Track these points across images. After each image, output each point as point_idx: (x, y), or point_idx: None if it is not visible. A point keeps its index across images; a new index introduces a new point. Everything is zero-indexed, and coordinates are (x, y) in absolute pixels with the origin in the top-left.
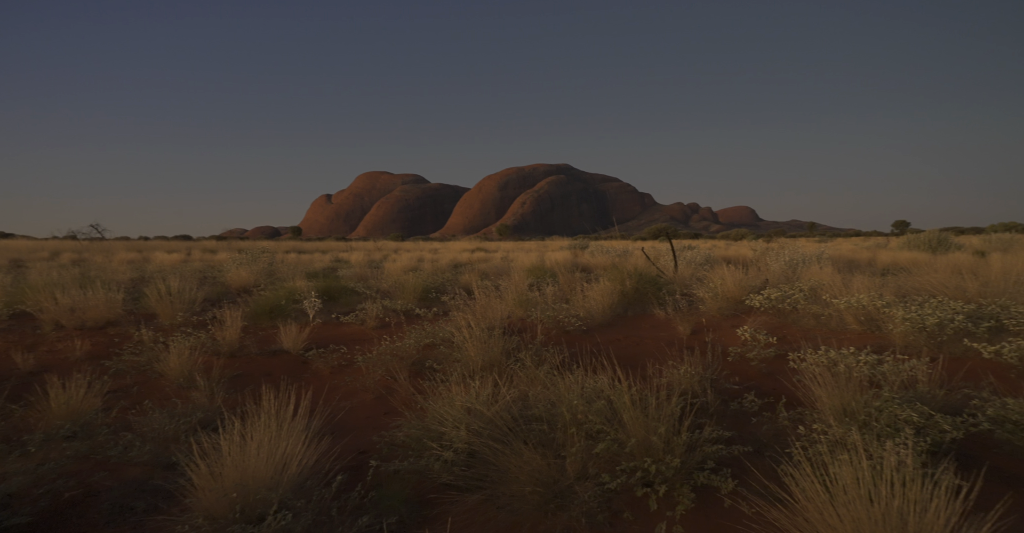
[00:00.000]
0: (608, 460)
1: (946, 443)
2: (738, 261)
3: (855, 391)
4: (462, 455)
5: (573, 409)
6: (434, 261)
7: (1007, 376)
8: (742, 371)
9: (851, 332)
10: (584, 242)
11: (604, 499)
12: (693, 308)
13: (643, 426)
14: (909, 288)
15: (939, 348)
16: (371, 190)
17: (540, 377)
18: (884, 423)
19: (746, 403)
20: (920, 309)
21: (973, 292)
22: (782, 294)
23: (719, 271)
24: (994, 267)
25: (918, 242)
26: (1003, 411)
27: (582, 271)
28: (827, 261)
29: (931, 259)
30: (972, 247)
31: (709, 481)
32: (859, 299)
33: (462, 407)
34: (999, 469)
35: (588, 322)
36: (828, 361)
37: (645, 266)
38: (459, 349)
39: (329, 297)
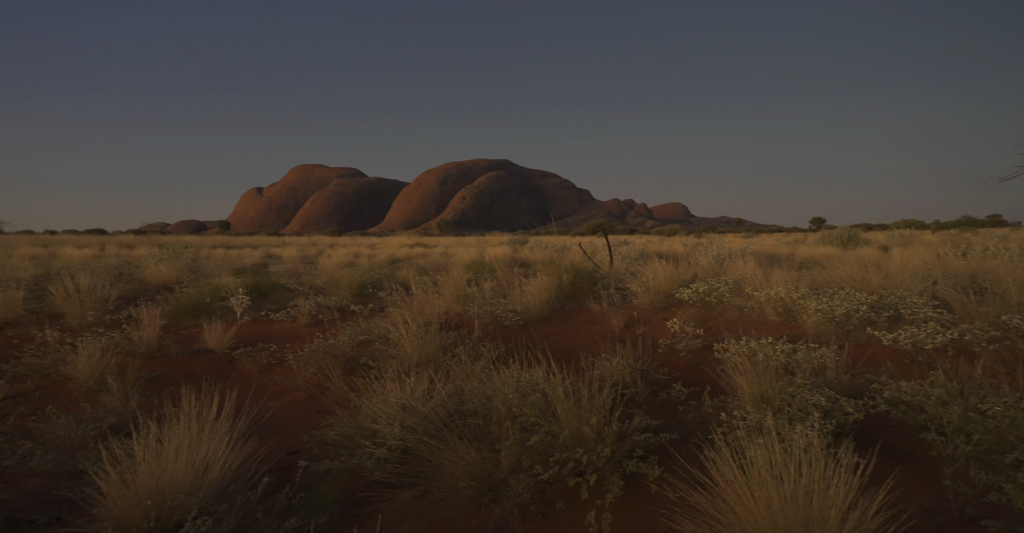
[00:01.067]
0: (542, 452)
1: (849, 424)
2: (670, 256)
3: (772, 379)
4: (396, 452)
5: (508, 403)
6: (371, 256)
7: (902, 361)
8: (671, 362)
9: (771, 323)
10: (524, 237)
11: (537, 490)
12: (627, 302)
13: (576, 418)
14: (822, 281)
15: (846, 336)
16: (305, 183)
17: (476, 372)
18: (796, 408)
19: (674, 393)
20: (830, 301)
21: (876, 284)
22: (709, 288)
23: (652, 266)
24: (895, 261)
25: (831, 238)
26: (897, 393)
27: (521, 266)
28: (751, 256)
29: (842, 254)
30: (878, 242)
31: (637, 469)
32: (777, 292)
33: (397, 404)
34: (892, 446)
35: (526, 317)
36: (749, 351)
37: (582, 261)
38: (395, 345)
39: (259, 294)
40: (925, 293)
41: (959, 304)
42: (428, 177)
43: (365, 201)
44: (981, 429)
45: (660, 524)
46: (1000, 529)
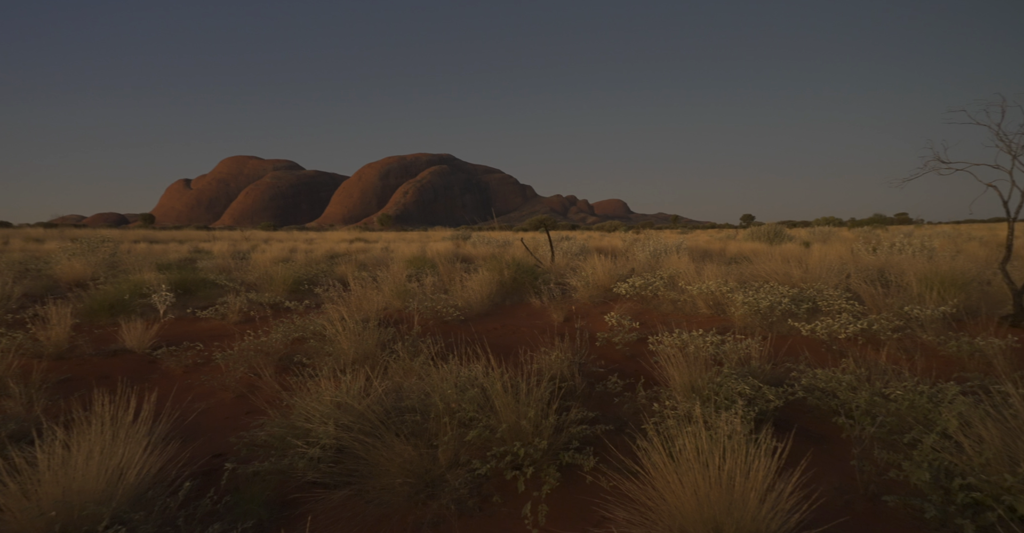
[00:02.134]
0: (480, 446)
1: (770, 411)
2: (610, 251)
3: (701, 369)
4: (330, 451)
5: (447, 398)
6: (309, 252)
7: (819, 350)
8: (608, 355)
9: (702, 315)
10: (467, 233)
11: (475, 485)
12: (567, 296)
13: (514, 411)
14: (749, 275)
15: (770, 328)
16: (238, 176)
17: (415, 368)
18: (723, 397)
19: (610, 385)
20: (756, 294)
21: (797, 278)
22: (645, 282)
23: (591, 261)
24: (815, 256)
25: (759, 234)
26: (813, 381)
27: (463, 261)
28: (685, 251)
29: (769, 249)
30: (800, 239)
31: (573, 460)
32: (708, 286)
33: (332, 402)
34: (808, 430)
35: (467, 312)
36: (681, 343)
37: (524, 256)
38: (331, 342)
39: (185, 291)
40: (840, 286)
41: (868, 296)
42: (369, 171)
43: (302, 195)
44: (884, 412)
45: (594, 513)
46: (897, 503)
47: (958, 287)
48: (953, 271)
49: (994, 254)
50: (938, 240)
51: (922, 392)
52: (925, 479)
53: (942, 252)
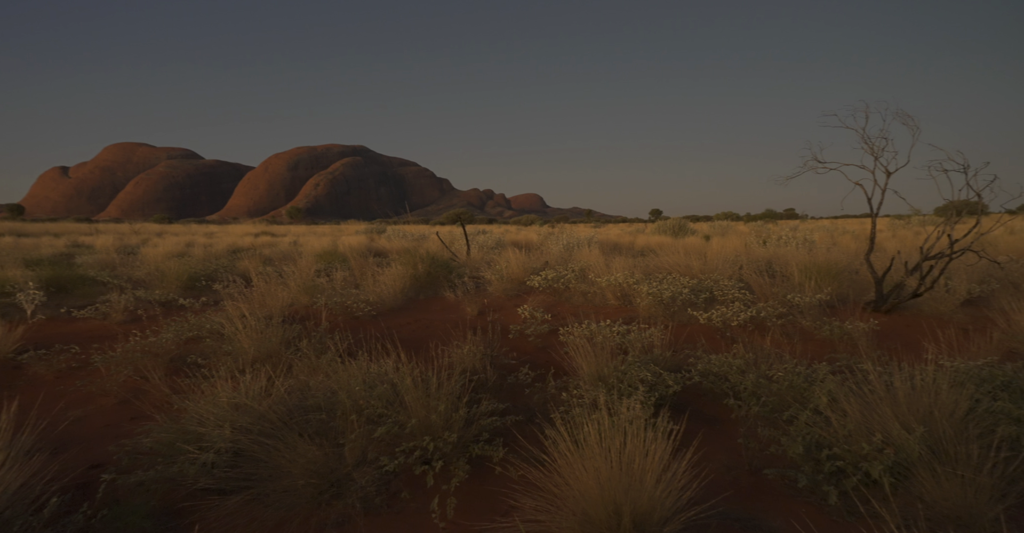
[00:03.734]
0: (389, 443)
1: (669, 396)
2: (525, 245)
3: (607, 358)
4: (226, 456)
5: (354, 395)
6: (208, 246)
7: (714, 337)
8: (520, 347)
9: (611, 306)
10: (381, 226)
11: (383, 482)
12: (481, 290)
13: (424, 406)
14: (654, 267)
15: (672, 317)
16: (126, 164)
17: (322, 366)
18: (626, 384)
19: (521, 376)
20: (659, 285)
21: (697, 269)
22: (557, 275)
23: (506, 255)
24: (713, 249)
25: (665, 228)
26: (708, 366)
27: (377, 256)
28: (596, 245)
29: (673, 242)
30: (702, 232)
31: (483, 452)
32: (616, 278)
33: (228, 404)
34: (702, 412)
35: (379, 307)
36: (589, 333)
37: (439, 250)
38: (230, 341)
39: (60, 289)
40: (734, 277)
41: (758, 286)
42: (276, 161)
43: (202, 186)
44: (767, 392)
45: (502, 503)
46: (775, 475)
47: (832, 276)
48: (828, 262)
49: (863, 246)
50: (818, 234)
51: (799, 373)
52: (799, 452)
53: (820, 245)
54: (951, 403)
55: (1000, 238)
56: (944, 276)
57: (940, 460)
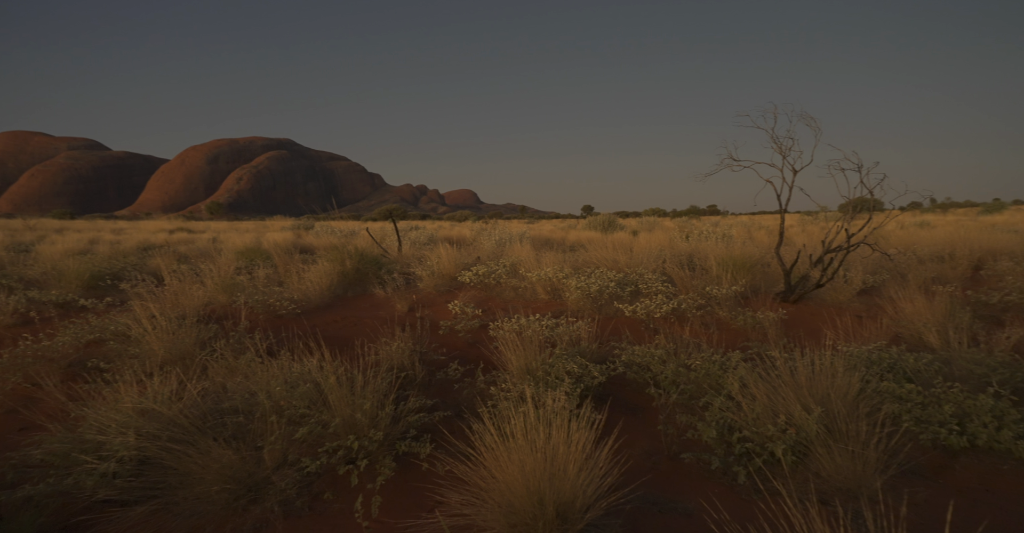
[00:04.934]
0: (312, 444)
1: (595, 386)
2: (458, 241)
3: (536, 352)
4: (129, 464)
5: (275, 396)
6: (116, 243)
7: (638, 329)
8: (450, 343)
9: (541, 301)
10: (309, 222)
11: (305, 484)
12: (412, 286)
13: (349, 405)
14: (583, 262)
15: (599, 310)
16: (18, 154)
17: (241, 367)
18: (554, 376)
19: (451, 372)
20: (587, 279)
21: (623, 263)
22: (488, 270)
23: (438, 250)
24: (640, 244)
25: (595, 224)
26: (632, 357)
27: (304, 252)
28: (528, 240)
29: (603, 238)
30: (631, 228)
31: (410, 448)
32: (546, 272)
33: (133, 409)
34: (625, 401)
35: (304, 305)
36: (519, 328)
37: (370, 246)
38: (138, 343)
39: None
40: (657, 270)
41: (679, 279)
42: (194, 154)
43: (109, 179)
44: (686, 380)
45: (428, 498)
46: (692, 459)
47: (746, 269)
48: (743, 256)
49: (775, 241)
50: (736, 229)
51: (715, 361)
52: (713, 436)
53: (737, 239)
54: (845, 385)
55: (892, 232)
56: (843, 268)
57: (834, 437)
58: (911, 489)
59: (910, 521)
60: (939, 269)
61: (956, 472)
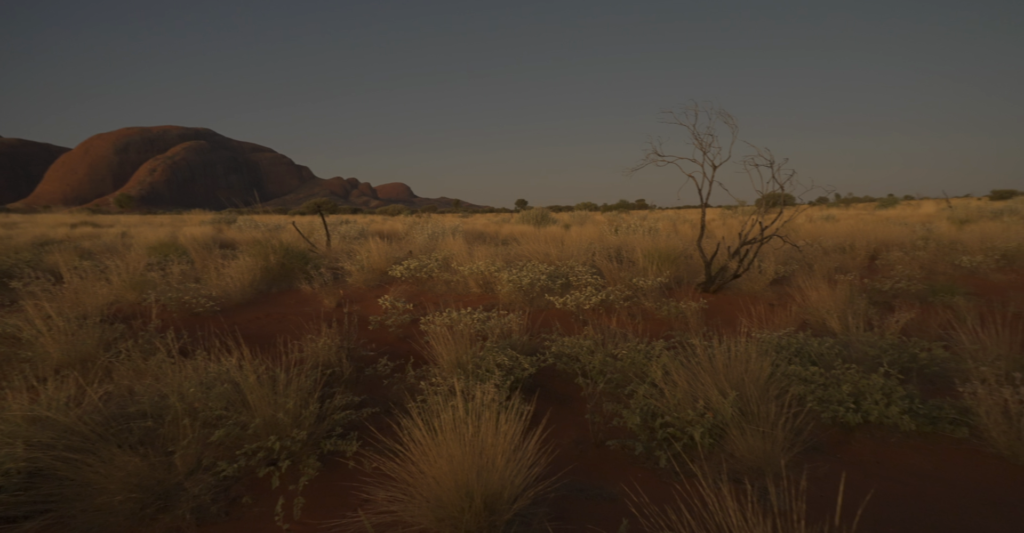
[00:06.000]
0: (230, 446)
1: (525, 378)
2: (390, 235)
3: (467, 345)
4: (17, 477)
5: (189, 398)
6: (8, 238)
7: (569, 320)
8: (380, 338)
9: (473, 294)
10: (232, 216)
11: (221, 489)
12: (341, 281)
13: (271, 404)
14: (515, 255)
15: (531, 303)
16: None
17: (150, 368)
18: (484, 369)
19: (380, 367)
20: (519, 272)
21: (555, 256)
22: (420, 264)
23: (369, 245)
24: (572, 237)
25: (528, 217)
26: (562, 348)
27: (225, 247)
28: (461, 234)
29: (536, 231)
30: (563, 221)
31: (336, 447)
32: (479, 266)
33: (23, 417)
34: (555, 391)
35: (224, 302)
36: (451, 321)
37: (296, 241)
38: (30, 346)
39: None
40: (587, 263)
41: (608, 271)
42: (100, 143)
43: (1, 169)
44: (613, 370)
45: (355, 497)
46: (617, 446)
47: (671, 261)
48: (668, 248)
49: (698, 233)
50: (662, 223)
51: (640, 350)
52: (637, 422)
53: (663, 232)
54: (758, 369)
55: (802, 225)
56: (758, 259)
57: (747, 419)
58: (814, 464)
59: (811, 493)
60: (841, 259)
61: (852, 446)
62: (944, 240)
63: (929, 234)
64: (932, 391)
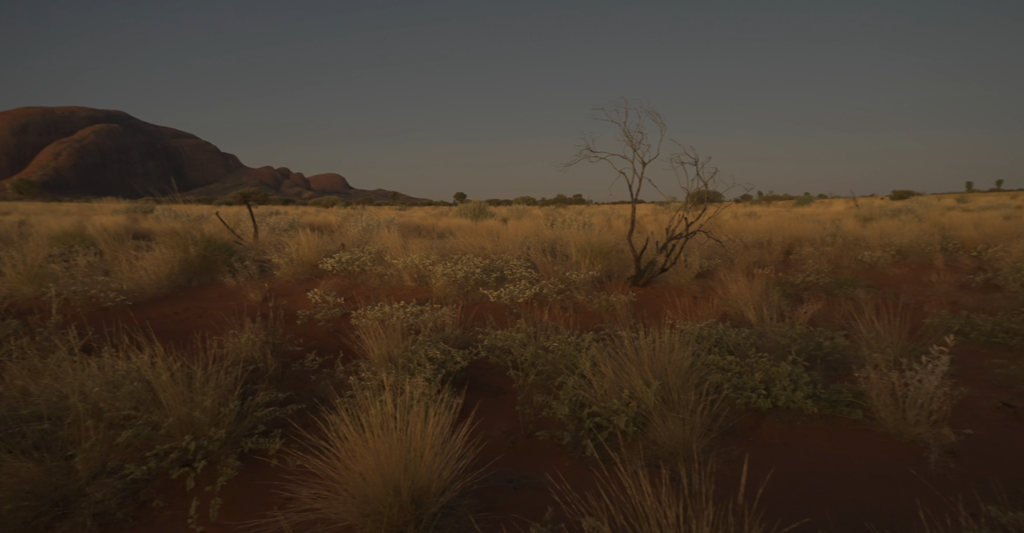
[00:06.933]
0: (140, 448)
1: (457, 371)
2: (323, 227)
3: (398, 339)
4: None
5: (93, 397)
6: None
7: (502, 314)
8: (309, 333)
9: (407, 288)
10: (149, 205)
11: (129, 492)
12: (269, 274)
13: (186, 402)
14: (451, 249)
15: (465, 296)
16: None
17: (49, 367)
18: (416, 363)
19: (307, 363)
20: (454, 266)
21: (490, 250)
22: (352, 257)
23: (299, 237)
24: (509, 231)
25: (466, 211)
26: (494, 341)
27: (141, 238)
28: (396, 227)
29: (473, 225)
30: (501, 215)
31: (258, 445)
32: (413, 259)
33: None
34: (486, 384)
35: (138, 296)
36: (383, 315)
37: (220, 232)
38: None
39: None
40: (522, 257)
41: (542, 265)
42: None
43: None
44: (544, 362)
45: (276, 496)
46: (546, 436)
47: (603, 255)
48: (600, 243)
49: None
50: (597, 218)
51: (571, 343)
52: (565, 413)
53: (597, 227)
54: (680, 359)
55: (727, 221)
56: (684, 253)
57: (669, 407)
58: (727, 448)
59: (724, 475)
60: (760, 254)
61: (763, 430)
62: (849, 237)
63: (837, 231)
64: (834, 377)
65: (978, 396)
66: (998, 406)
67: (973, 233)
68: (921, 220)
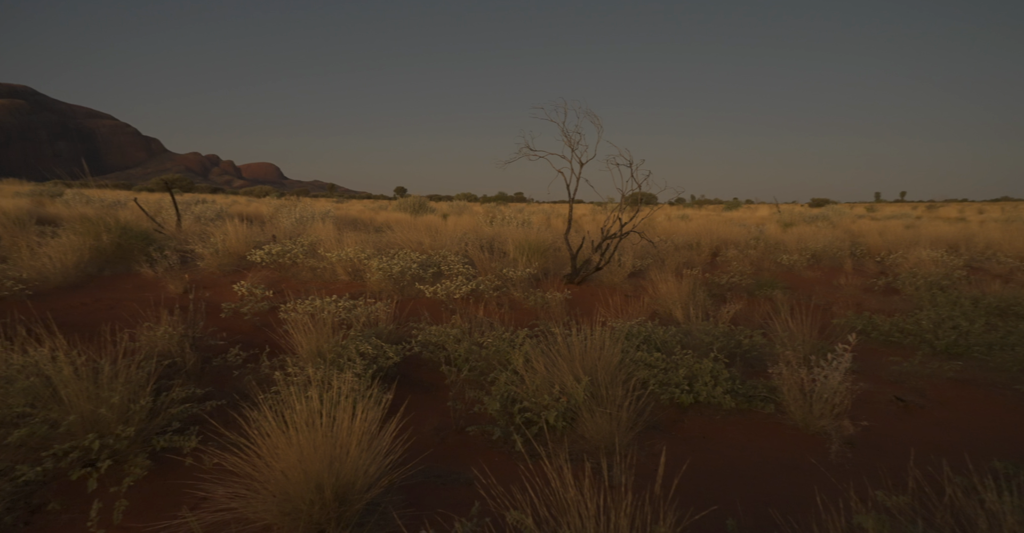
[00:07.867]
0: (36, 448)
1: (390, 367)
2: (255, 217)
3: (329, 334)
4: None
5: None
6: None
7: (438, 309)
8: (233, 327)
9: (341, 282)
10: (58, 188)
11: (20, 496)
12: (191, 265)
13: (91, 399)
14: (388, 243)
15: (401, 291)
16: None
17: None
18: (346, 358)
19: (230, 358)
20: (390, 260)
21: (428, 245)
22: (282, 249)
23: (226, 226)
24: (449, 227)
25: (406, 205)
26: (428, 336)
27: (48, 224)
28: (332, 219)
29: (412, 219)
30: (441, 211)
31: (171, 443)
32: (348, 253)
33: None
34: (420, 380)
35: (39, 285)
36: (314, 309)
37: (139, 219)
38: None
39: None
40: (460, 253)
41: (480, 261)
42: None
43: None
44: (478, 358)
45: (190, 496)
46: (476, 431)
47: (540, 253)
48: (538, 241)
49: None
50: (537, 216)
51: (505, 339)
52: (496, 408)
53: (536, 225)
54: (609, 356)
55: (660, 223)
56: (618, 253)
57: (598, 402)
58: (651, 441)
59: (645, 468)
60: (689, 255)
61: (685, 424)
62: (771, 240)
63: (760, 235)
64: (751, 373)
65: (875, 391)
66: (892, 400)
67: (878, 240)
68: (835, 227)
